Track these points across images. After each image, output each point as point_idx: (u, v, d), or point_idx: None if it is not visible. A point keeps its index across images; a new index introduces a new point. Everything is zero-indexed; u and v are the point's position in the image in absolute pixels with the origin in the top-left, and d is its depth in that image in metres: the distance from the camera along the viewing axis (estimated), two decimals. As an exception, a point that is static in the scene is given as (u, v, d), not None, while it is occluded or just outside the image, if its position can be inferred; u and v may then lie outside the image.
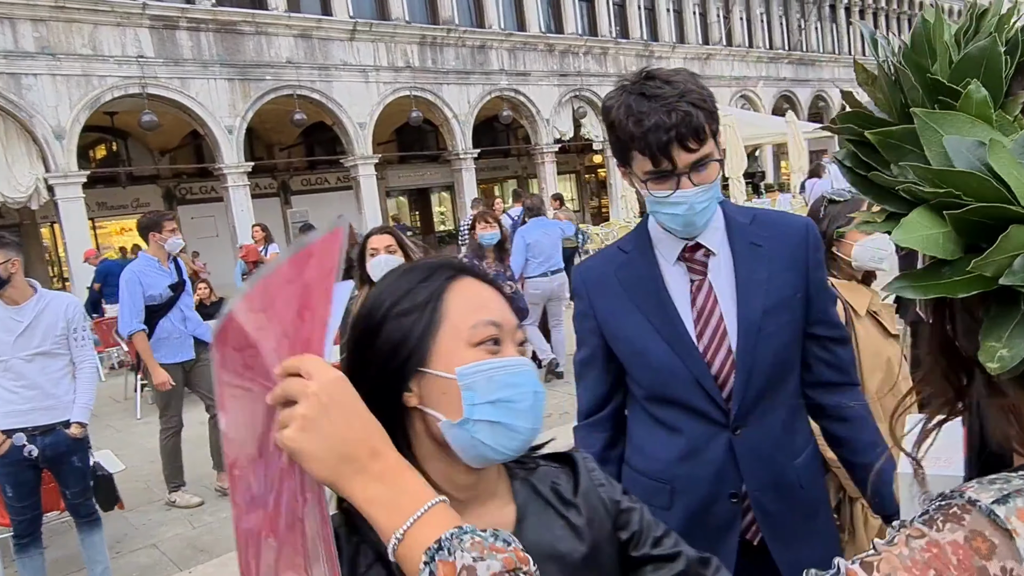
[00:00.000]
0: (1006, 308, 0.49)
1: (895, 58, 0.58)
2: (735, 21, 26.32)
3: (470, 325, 0.85)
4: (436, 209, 25.75)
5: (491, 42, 19.20)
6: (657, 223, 1.48)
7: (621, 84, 1.43)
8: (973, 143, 0.51)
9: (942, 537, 0.50)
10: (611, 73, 22.19)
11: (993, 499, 0.50)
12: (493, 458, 0.84)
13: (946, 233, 0.50)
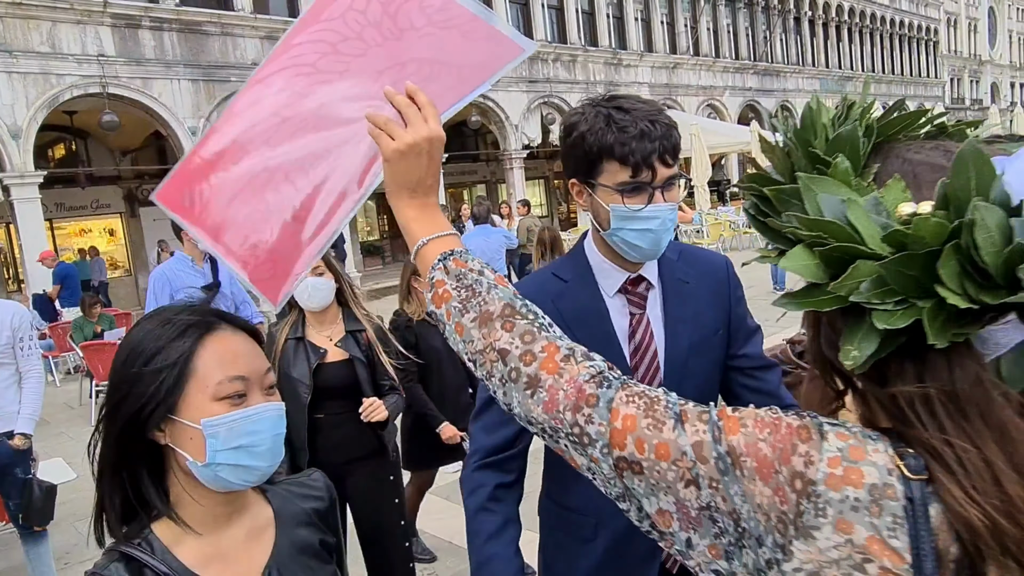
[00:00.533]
0: (858, 320, 0.66)
1: (789, 134, 0.76)
2: (702, 31, 26.70)
3: (216, 382, 1.00)
4: (404, 213, 25.65)
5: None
6: (614, 244, 1.38)
7: (588, 101, 1.39)
8: (837, 200, 0.68)
9: (785, 416, 0.69)
10: (580, 80, 22.38)
11: (826, 420, 0.69)
12: (236, 488, 1.04)
13: (816, 264, 0.67)
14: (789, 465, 0.65)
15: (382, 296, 16.92)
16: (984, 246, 0.59)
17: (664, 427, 0.71)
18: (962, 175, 0.61)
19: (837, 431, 0.67)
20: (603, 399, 0.74)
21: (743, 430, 0.68)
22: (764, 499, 0.66)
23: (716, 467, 0.67)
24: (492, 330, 0.82)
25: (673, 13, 25.88)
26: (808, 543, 0.64)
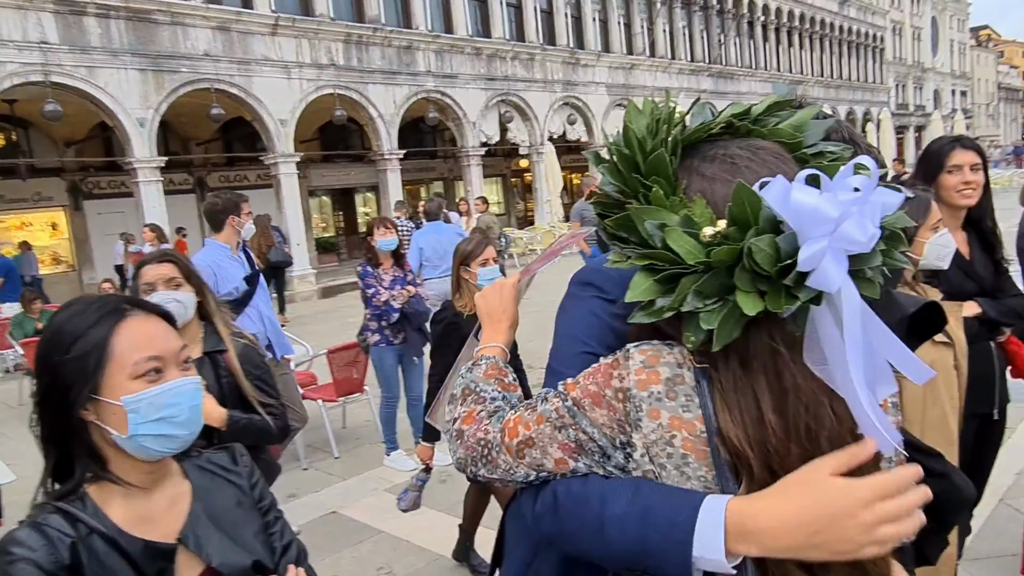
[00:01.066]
0: (691, 316, 0.85)
1: (615, 156, 0.96)
2: (658, 33, 27.02)
3: (132, 362, 1.13)
4: (360, 210, 25.37)
5: (418, 43, 19.08)
6: None
7: None
8: (656, 225, 0.87)
9: (604, 360, 0.96)
10: (538, 79, 22.42)
11: (633, 345, 0.93)
12: (160, 455, 1.17)
13: (652, 286, 0.87)
14: (611, 387, 0.91)
15: (336, 294, 16.72)
16: (763, 262, 0.80)
17: (536, 408, 0.99)
18: (739, 203, 0.82)
19: (640, 348, 0.92)
20: (495, 421, 1.04)
21: (577, 385, 0.96)
22: (603, 418, 0.92)
23: (569, 414, 0.94)
24: (455, 405, 1.13)
25: (630, 14, 26.13)
26: (638, 433, 0.89)
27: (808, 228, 0.78)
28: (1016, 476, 3.93)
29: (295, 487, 4.95)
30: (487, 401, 1.10)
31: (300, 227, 16.93)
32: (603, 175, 0.97)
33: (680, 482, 0.88)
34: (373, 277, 5.02)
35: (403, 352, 5.09)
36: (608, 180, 0.96)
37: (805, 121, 0.97)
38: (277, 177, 16.43)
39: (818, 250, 0.77)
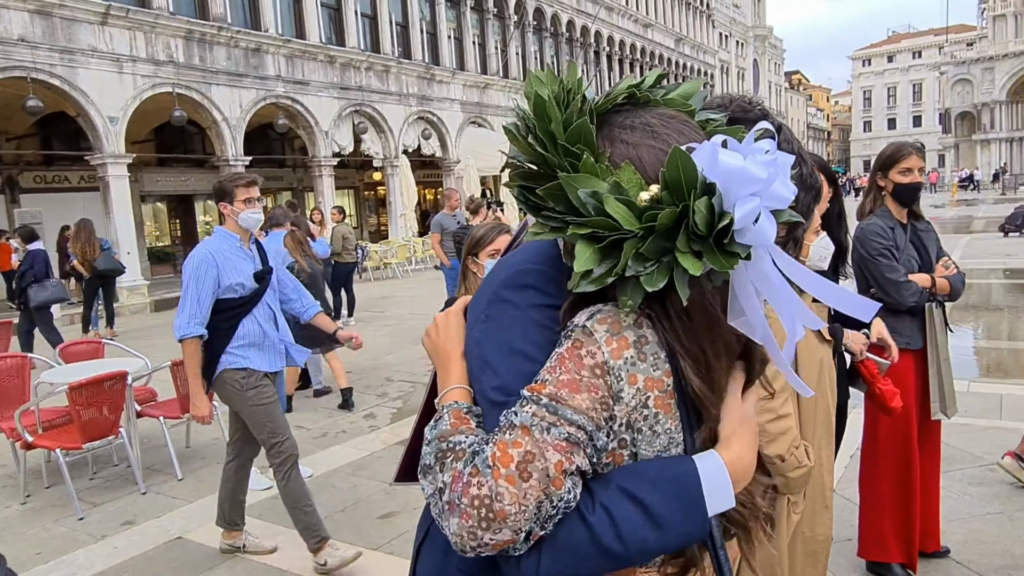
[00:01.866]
0: (628, 280, 0.86)
1: (532, 126, 0.92)
2: (511, 55, 27.72)
3: None
4: (200, 218, 23.80)
5: (267, 46, 18.29)
6: None
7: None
8: (589, 193, 0.86)
9: (560, 349, 0.92)
10: (393, 91, 22.22)
11: (586, 318, 0.92)
12: None
13: (593, 254, 0.86)
14: (585, 367, 0.89)
15: (173, 307, 15.52)
16: (701, 224, 0.82)
17: (514, 425, 0.89)
18: (674, 168, 0.84)
19: (597, 319, 0.91)
20: (480, 464, 0.88)
21: (545, 382, 0.90)
22: (586, 402, 0.88)
23: (550, 412, 0.87)
24: (433, 476, 0.94)
25: (484, 35, 26.62)
26: (619, 404, 0.90)
27: (737, 188, 0.82)
28: (843, 469, 4.32)
29: (131, 513, 4.47)
30: (465, 452, 0.92)
31: (131, 235, 15.56)
32: (516, 145, 0.94)
33: (651, 441, 0.92)
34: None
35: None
36: (521, 151, 0.93)
37: (693, 91, 1.02)
38: (105, 179, 15.03)
39: (752, 208, 0.82)
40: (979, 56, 58.15)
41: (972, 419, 5.03)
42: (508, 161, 0.96)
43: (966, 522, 3.64)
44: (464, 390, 1.06)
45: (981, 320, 9.48)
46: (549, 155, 0.90)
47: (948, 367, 3.29)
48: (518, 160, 0.94)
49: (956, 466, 4.27)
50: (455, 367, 1.10)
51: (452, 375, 1.10)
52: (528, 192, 0.91)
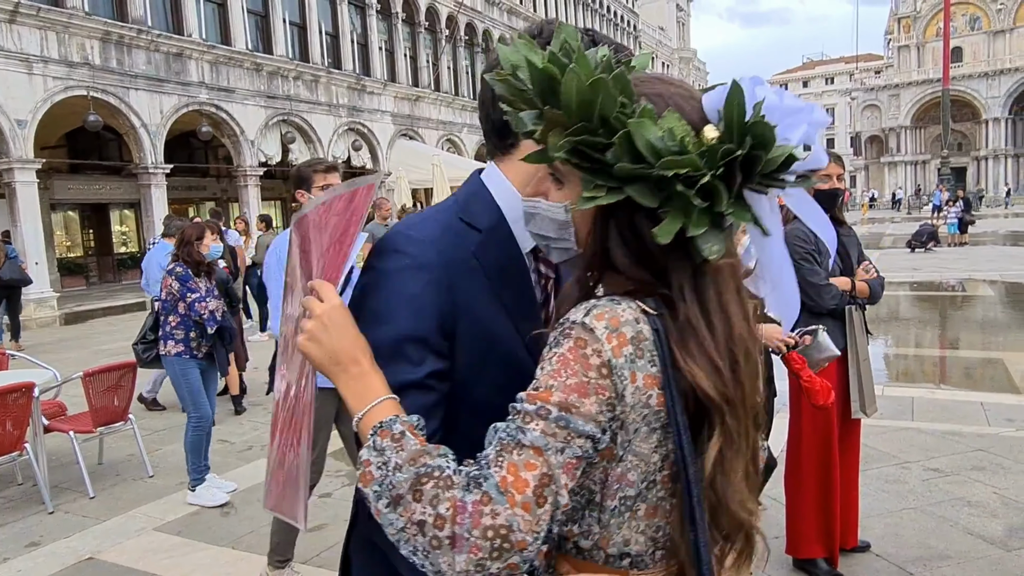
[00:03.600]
0: (704, 219, 0.84)
1: (580, 78, 0.84)
2: (443, 69, 27.74)
3: None
4: (116, 228, 22.77)
5: (190, 51, 17.72)
6: None
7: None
8: (660, 137, 0.84)
9: (561, 349, 0.86)
10: (322, 101, 21.87)
11: (583, 314, 0.87)
12: None
13: (651, 194, 0.85)
14: (592, 367, 0.84)
15: (86, 320, 14.75)
16: (766, 157, 0.83)
17: (522, 444, 0.82)
18: (731, 105, 0.83)
19: (595, 314, 0.86)
20: (492, 491, 0.79)
21: (551, 389, 0.83)
22: (595, 406, 0.83)
23: (560, 427, 0.82)
24: (406, 507, 0.82)
25: (416, 48, 26.56)
26: (621, 404, 0.86)
27: (785, 119, 0.84)
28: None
29: (38, 534, 4.18)
30: (453, 479, 0.82)
31: (39, 244, 14.74)
32: (530, 100, 0.88)
33: (646, 438, 0.88)
34: (194, 282, 4.69)
35: (206, 368, 4.75)
36: (540, 109, 0.87)
37: (646, 63, 1.02)
38: (12, 186, 14.21)
39: (803, 132, 0.85)
40: (886, 83, 61.79)
41: (887, 421, 5.26)
42: (562, 137, 0.86)
43: (884, 517, 3.79)
44: (393, 401, 0.92)
45: (892, 330, 9.97)
46: (605, 102, 0.84)
47: (868, 367, 3.42)
48: (529, 122, 0.88)
49: (874, 465, 4.45)
50: (363, 371, 0.94)
51: (371, 382, 0.93)
52: (586, 152, 0.85)
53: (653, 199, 0.84)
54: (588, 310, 0.87)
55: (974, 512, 3.79)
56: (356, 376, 0.94)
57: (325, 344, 0.95)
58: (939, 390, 6.56)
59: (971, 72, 56.50)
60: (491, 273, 1.09)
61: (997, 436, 4.93)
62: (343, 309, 0.97)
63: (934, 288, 13.72)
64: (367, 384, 0.93)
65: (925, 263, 17.16)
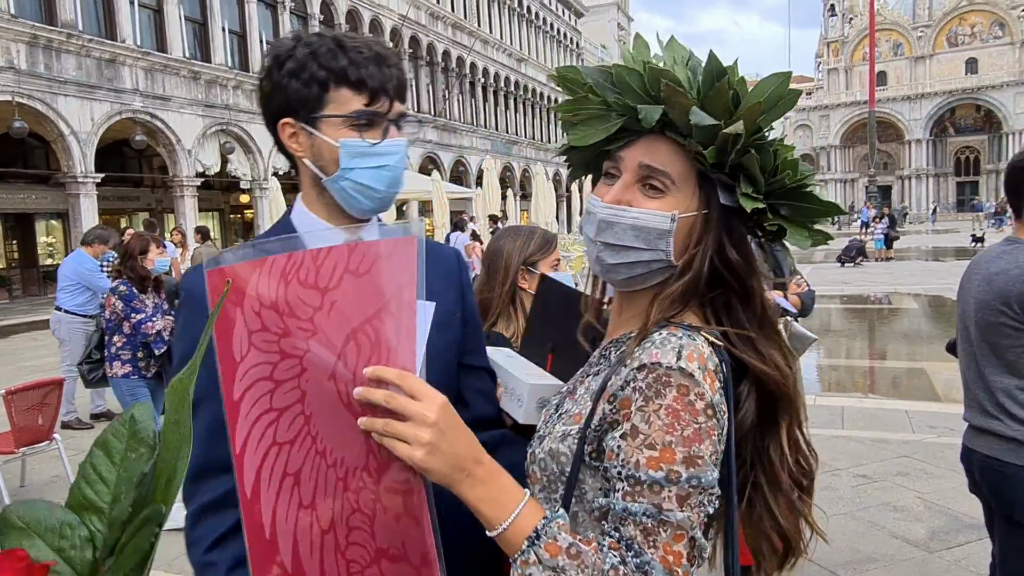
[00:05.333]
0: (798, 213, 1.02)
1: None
2: (387, 81, 27.59)
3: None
4: (42, 239, 21.82)
5: (123, 57, 17.20)
6: (341, 191, 1.18)
7: (298, 33, 1.24)
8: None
9: (666, 400, 0.85)
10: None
11: (673, 356, 0.87)
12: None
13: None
14: (699, 413, 0.85)
15: (8, 335, 14.05)
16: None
17: (665, 524, 0.83)
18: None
19: (687, 356, 0.87)
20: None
21: (672, 446, 0.84)
22: (710, 448, 0.85)
23: (692, 487, 0.84)
24: None
25: (360, 59, 26.36)
26: (722, 436, 0.88)
27: None
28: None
29: (-48, 562, 3.95)
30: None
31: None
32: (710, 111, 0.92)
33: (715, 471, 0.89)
34: (139, 300, 4.54)
35: (155, 388, 4.65)
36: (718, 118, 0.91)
37: None
38: (-73, 193, 13.49)
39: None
40: (816, 104, 64.27)
41: (818, 429, 5.44)
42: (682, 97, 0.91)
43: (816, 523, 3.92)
44: (532, 498, 0.85)
45: (824, 341, 10.34)
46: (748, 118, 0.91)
47: (799, 379, 3.54)
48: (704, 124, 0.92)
49: (806, 472, 4.60)
50: (497, 471, 0.85)
51: (504, 483, 0.84)
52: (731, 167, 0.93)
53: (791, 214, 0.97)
54: (678, 352, 0.88)
55: (899, 516, 3.96)
56: (484, 479, 0.83)
57: (447, 452, 0.80)
58: (867, 399, 6.84)
59: (895, 95, 59.34)
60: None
61: (920, 442, 5.15)
62: (450, 407, 0.82)
63: (863, 301, 14.29)
64: (501, 486, 0.84)
65: (854, 277, 17.86)
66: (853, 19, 63.17)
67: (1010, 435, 2.02)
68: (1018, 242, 2.08)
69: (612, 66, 0.96)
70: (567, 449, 0.94)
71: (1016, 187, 2.09)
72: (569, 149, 1.04)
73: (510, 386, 1.31)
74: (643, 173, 0.96)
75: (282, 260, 0.78)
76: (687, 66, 0.94)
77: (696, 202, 0.96)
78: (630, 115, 0.95)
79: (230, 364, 0.78)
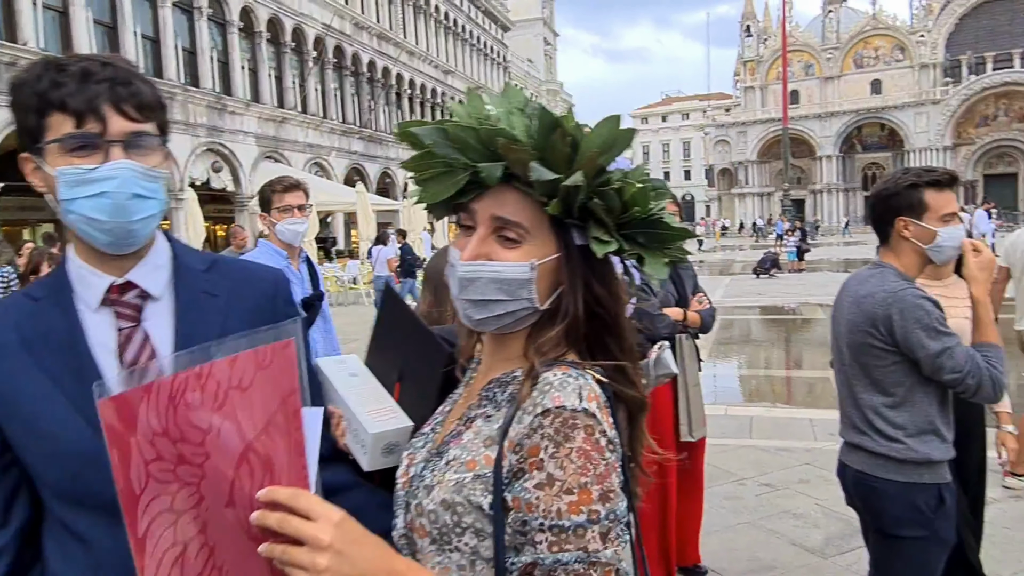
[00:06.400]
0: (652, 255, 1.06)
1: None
2: (310, 91, 27.16)
3: None
4: (-67, 252, 20.41)
5: (26, 61, 16.30)
6: (73, 227, 1.10)
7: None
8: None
9: (575, 443, 0.85)
10: (179, 120, 20.77)
11: (576, 398, 0.88)
12: None
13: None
14: (604, 448, 0.87)
15: None
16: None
17: (596, 559, 0.85)
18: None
19: (587, 396, 0.89)
20: None
21: (588, 487, 0.85)
22: (617, 480, 0.88)
23: (611, 520, 0.86)
24: None
25: (281, 68, 25.86)
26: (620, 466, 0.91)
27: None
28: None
29: None
30: None
31: None
32: (545, 165, 0.91)
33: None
34: None
35: None
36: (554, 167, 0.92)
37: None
38: None
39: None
40: (734, 121, 66.82)
41: (729, 439, 5.62)
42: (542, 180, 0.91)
43: (721, 533, 4.03)
44: None
45: (738, 351, 10.69)
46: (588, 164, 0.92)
47: (697, 392, 3.64)
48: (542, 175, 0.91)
49: (716, 483, 4.72)
50: (417, 572, 0.85)
51: None
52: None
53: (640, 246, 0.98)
54: (579, 393, 0.89)
55: (798, 523, 4.11)
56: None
57: (352, 573, 0.76)
58: (776, 408, 7.11)
59: (807, 113, 62.25)
60: (32, 344, 1.09)
61: (822, 450, 5.38)
62: (351, 522, 0.78)
63: (777, 312, 14.86)
64: None
65: (768, 288, 18.57)
66: (767, 40, 66.03)
67: (879, 451, 2.13)
68: (884, 266, 2.20)
69: (447, 124, 0.95)
70: (464, 500, 0.90)
71: (881, 215, 2.21)
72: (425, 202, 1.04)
73: (353, 426, 1.23)
74: (496, 225, 0.96)
75: (167, 383, 0.74)
76: (524, 113, 0.94)
77: (554, 245, 0.96)
78: (475, 170, 0.94)
79: (131, 498, 0.74)
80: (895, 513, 2.12)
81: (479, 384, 1.04)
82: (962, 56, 59.04)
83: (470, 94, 0.98)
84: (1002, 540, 3.77)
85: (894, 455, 2.11)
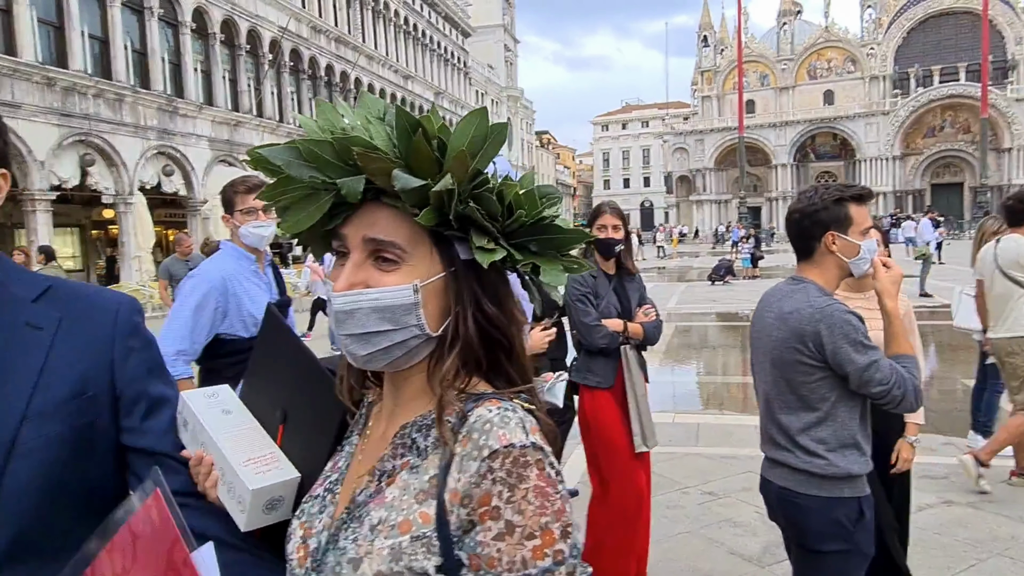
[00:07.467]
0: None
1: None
2: (266, 94, 26.78)
3: None
4: None
5: (-35, 60, 15.78)
6: None
7: None
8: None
9: (530, 483, 0.79)
10: (128, 122, 20.29)
11: (522, 433, 0.81)
12: None
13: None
14: (554, 480, 0.82)
15: None
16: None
17: None
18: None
19: (530, 428, 0.83)
20: None
21: (549, 527, 0.79)
22: (570, 511, 0.82)
23: (572, 555, 0.80)
24: None
25: (236, 71, 25.45)
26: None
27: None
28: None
29: None
30: None
31: None
32: (407, 168, 0.83)
33: None
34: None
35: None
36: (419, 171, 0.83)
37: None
38: None
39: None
40: (692, 129, 67.89)
41: (676, 447, 5.66)
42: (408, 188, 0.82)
43: (662, 543, 4.04)
44: None
45: (693, 357, 10.81)
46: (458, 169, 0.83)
47: (645, 403, 3.65)
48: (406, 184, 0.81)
49: (660, 491, 4.73)
50: None
51: None
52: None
53: (530, 253, 0.89)
54: (523, 426, 0.83)
55: (738, 532, 4.15)
56: None
57: None
58: (723, 415, 7.18)
59: (762, 122, 63.57)
60: None
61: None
62: None
63: (731, 319, 15.08)
64: None
65: (723, 295, 18.84)
66: (724, 50, 67.32)
67: (801, 467, 2.14)
68: (803, 280, 2.23)
69: (299, 141, 0.86)
70: (404, 568, 0.80)
71: (807, 230, 2.24)
72: (295, 235, 0.92)
73: (228, 478, 1.07)
74: (370, 247, 0.86)
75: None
76: (384, 121, 0.87)
77: (437, 263, 0.87)
78: (337, 189, 0.85)
79: None
80: (817, 528, 2.14)
81: (387, 430, 0.92)
82: (910, 69, 61.00)
83: (320, 105, 0.89)
84: (933, 545, 3.86)
85: (816, 471, 2.13)
